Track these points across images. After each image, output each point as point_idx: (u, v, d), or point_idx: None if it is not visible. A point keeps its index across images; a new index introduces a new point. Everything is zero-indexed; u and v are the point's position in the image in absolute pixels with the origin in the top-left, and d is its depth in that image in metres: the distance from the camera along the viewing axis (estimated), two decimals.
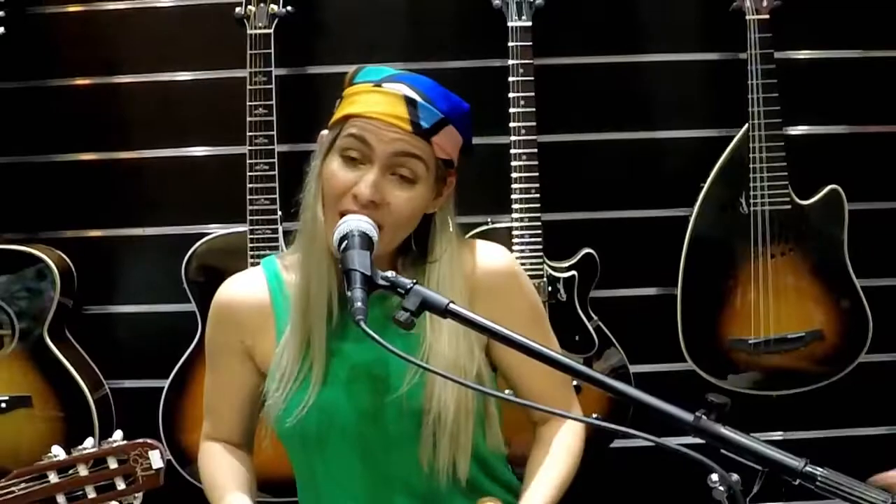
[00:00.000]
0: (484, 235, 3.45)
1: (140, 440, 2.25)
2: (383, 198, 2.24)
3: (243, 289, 2.49)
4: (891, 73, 3.81)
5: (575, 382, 2.60)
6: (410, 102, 2.26)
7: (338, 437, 2.38)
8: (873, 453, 3.81)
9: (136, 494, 2.26)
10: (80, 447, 2.26)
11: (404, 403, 2.33)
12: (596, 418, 3.42)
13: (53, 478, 2.24)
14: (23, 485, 2.25)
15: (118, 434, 2.30)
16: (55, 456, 2.26)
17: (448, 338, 2.35)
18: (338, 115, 2.30)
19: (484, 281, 2.44)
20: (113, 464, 2.26)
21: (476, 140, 3.71)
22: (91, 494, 2.25)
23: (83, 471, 2.25)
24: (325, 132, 2.33)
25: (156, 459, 2.26)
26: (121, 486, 2.25)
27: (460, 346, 2.35)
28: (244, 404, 2.55)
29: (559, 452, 2.51)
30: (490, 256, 2.48)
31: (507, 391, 2.48)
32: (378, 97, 2.27)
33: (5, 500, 2.24)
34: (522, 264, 3.51)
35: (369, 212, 2.23)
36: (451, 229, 2.41)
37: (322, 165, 2.30)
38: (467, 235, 3.32)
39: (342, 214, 2.24)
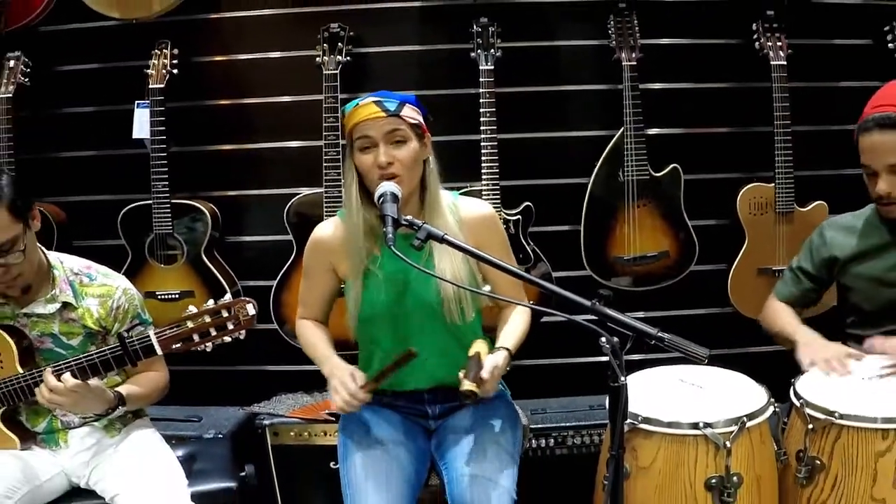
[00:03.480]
0: (465, 194, 3.38)
1: (240, 298, 2.34)
2: (394, 157, 2.34)
3: (330, 229, 2.56)
4: (711, 98, 3.74)
5: None
6: (377, 103, 2.37)
7: (388, 316, 2.49)
8: (698, 326, 3.82)
9: (241, 331, 2.35)
10: (204, 305, 2.36)
11: (433, 291, 2.44)
12: (533, 303, 3.37)
13: (189, 324, 2.35)
14: (173, 328, 2.34)
15: (227, 295, 2.40)
16: (190, 311, 2.36)
17: (443, 258, 2.44)
18: (347, 130, 2.41)
19: (475, 223, 2.52)
20: (224, 313, 2.35)
21: (460, 137, 3.64)
22: (213, 332, 2.35)
23: (207, 318, 2.35)
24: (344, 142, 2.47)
25: (250, 310, 2.34)
26: (230, 326, 2.34)
27: (455, 263, 2.44)
28: (325, 299, 2.65)
29: (517, 321, 2.59)
30: (479, 207, 2.57)
31: (486, 287, 2.53)
32: (361, 110, 2.38)
33: (162, 339, 2.34)
34: None
35: (391, 170, 2.33)
36: (437, 175, 2.46)
37: (353, 159, 2.40)
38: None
39: (380, 179, 2.32)
